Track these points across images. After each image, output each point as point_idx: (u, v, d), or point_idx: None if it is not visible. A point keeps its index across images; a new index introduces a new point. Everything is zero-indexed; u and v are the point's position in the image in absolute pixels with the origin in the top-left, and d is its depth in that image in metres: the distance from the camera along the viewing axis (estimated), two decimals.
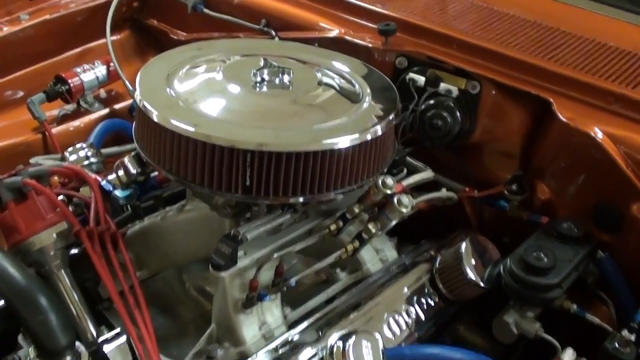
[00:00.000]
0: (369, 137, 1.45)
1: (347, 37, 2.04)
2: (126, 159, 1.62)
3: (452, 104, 1.84)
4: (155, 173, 1.66)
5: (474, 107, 1.85)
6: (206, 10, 2.29)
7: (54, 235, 1.51)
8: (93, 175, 1.61)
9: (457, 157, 1.93)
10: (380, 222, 1.58)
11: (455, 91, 1.86)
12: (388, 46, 1.96)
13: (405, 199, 1.58)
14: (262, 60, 1.60)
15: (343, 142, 1.42)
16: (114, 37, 2.36)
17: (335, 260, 1.56)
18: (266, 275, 1.48)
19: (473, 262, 1.63)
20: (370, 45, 1.99)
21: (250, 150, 1.37)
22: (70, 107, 2.29)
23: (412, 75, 1.90)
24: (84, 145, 1.88)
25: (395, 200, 1.56)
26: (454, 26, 1.99)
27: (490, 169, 1.91)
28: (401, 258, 1.74)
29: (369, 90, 1.60)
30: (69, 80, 2.21)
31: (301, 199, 1.44)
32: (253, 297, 1.45)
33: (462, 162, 1.93)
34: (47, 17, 2.32)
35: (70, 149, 1.86)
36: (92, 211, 1.54)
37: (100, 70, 2.29)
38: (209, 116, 1.45)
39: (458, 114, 1.84)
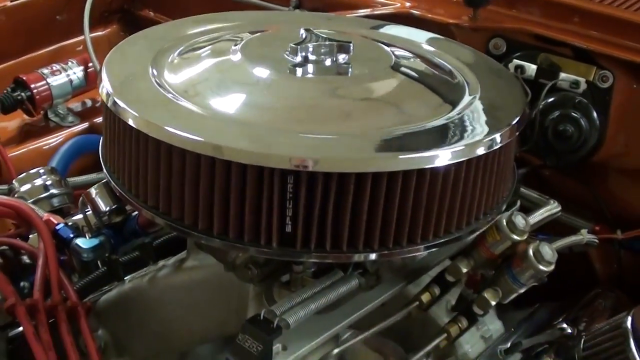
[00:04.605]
0: (481, 150, 1.05)
1: (415, 12, 1.65)
2: (93, 190, 1.27)
3: (585, 101, 1.47)
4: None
5: (603, 108, 1.49)
6: None
7: None
8: (44, 215, 1.29)
9: (571, 180, 1.57)
10: (503, 287, 1.13)
11: (582, 83, 1.48)
12: (478, 22, 1.56)
13: (547, 250, 1.10)
14: (303, 32, 1.22)
15: (442, 157, 1.01)
16: (99, 33, 2.18)
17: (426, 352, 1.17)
18: None
19: None
20: (450, 21, 1.58)
21: (292, 171, 0.97)
22: (34, 121, 2.01)
23: (517, 62, 1.51)
24: (42, 171, 1.53)
25: (531, 252, 1.09)
26: None
27: (627, 199, 1.55)
28: (510, 333, 1.35)
29: (474, 79, 1.24)
30: (32, 85, 1.92)
31: (374, 256, 1.04)
32: None
33: (580, 187, 1.56)
34: (7, 4, 2.06)
35: (21, 175, 1.53)
36: (38, 272, 1.20)
37: (76, 73, 1.99)
38: (221, 118, 1.08)
39: (595, 115, 1.47)
